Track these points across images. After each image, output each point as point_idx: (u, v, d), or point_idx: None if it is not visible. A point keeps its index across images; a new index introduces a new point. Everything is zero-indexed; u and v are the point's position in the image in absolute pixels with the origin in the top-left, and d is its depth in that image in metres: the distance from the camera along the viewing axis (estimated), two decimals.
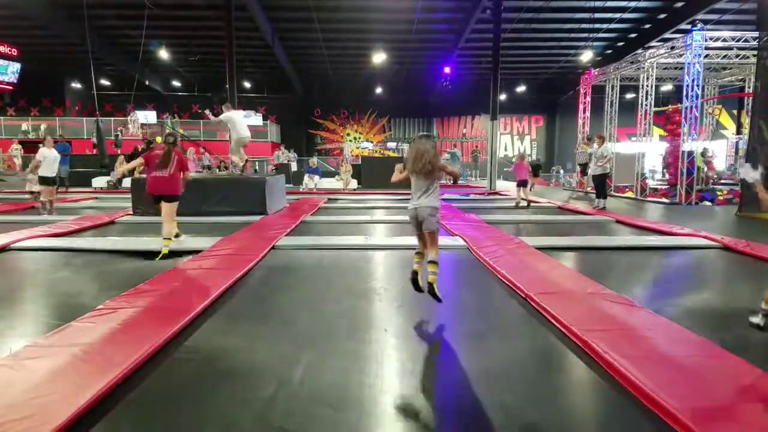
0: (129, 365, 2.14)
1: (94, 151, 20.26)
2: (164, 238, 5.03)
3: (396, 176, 3.32)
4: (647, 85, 12.22)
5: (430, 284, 3.02)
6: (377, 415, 1.89)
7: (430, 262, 3.06)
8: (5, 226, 6.60)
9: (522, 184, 9.68)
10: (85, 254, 4.94)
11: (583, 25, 18.82)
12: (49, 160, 7.92)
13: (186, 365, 2.34)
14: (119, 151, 18.88)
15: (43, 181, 8.00)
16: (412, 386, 2.10)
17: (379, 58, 21.71)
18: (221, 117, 8.21)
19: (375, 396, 2.01)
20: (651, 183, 13.03)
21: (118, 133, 20.27)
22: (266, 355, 2.43)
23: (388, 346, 2.55)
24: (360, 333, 2.75)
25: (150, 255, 4.94)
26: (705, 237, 5.65)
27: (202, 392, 2.08)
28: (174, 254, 4.90)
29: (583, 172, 14.13)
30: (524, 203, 9.61)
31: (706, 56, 10.96)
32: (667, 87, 18.45)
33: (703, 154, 12.75)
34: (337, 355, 2.42)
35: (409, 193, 3.19)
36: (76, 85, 26.24)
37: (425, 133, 3.52)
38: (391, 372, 2.25)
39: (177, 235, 5.33)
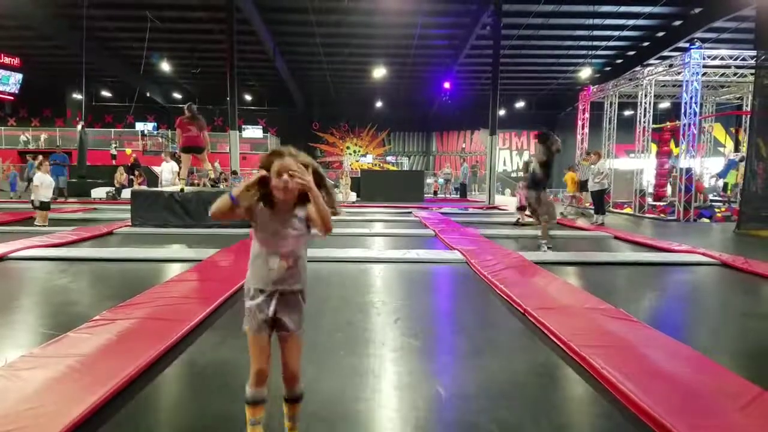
0: (124, 377, 2.12)
1: (113, 162, 20.34)
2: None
3: None
4: (645, 102, 12.33)
5: None
6: (374, 430, 1.87)
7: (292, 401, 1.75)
8: (2, 236, 6.59)
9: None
10: (83, 264, 4.93)
11: (582, 43, 19.05)
12: (45, 184, 8.01)
13: (182, 378, 2.32)
14: (114, 162, 18.92)
15: (40, 205, 7.99)
16: (410, 401, 2.09)
17: (379, 72, 21.91)
18: None
19: (372, 411, 2.00)
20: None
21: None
22: None
23: (385, 361, 2.53)
24: (357, 347, 2.73)
25: (148, 265, 4.95)
26: (703, 254, 5.66)
27: (198, 405, 2.06)
28: (172, 265, 4.90)
29: (582, 188, 14.15)
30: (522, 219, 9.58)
31: (704, 74, 11.08)
32: (666, 104, 18.60)
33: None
34: (334, 369, 2.40)
35: (405, 207, 3.15)
36: (78, 95, 26.37)
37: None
38: (388, 386, 2.23)
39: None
